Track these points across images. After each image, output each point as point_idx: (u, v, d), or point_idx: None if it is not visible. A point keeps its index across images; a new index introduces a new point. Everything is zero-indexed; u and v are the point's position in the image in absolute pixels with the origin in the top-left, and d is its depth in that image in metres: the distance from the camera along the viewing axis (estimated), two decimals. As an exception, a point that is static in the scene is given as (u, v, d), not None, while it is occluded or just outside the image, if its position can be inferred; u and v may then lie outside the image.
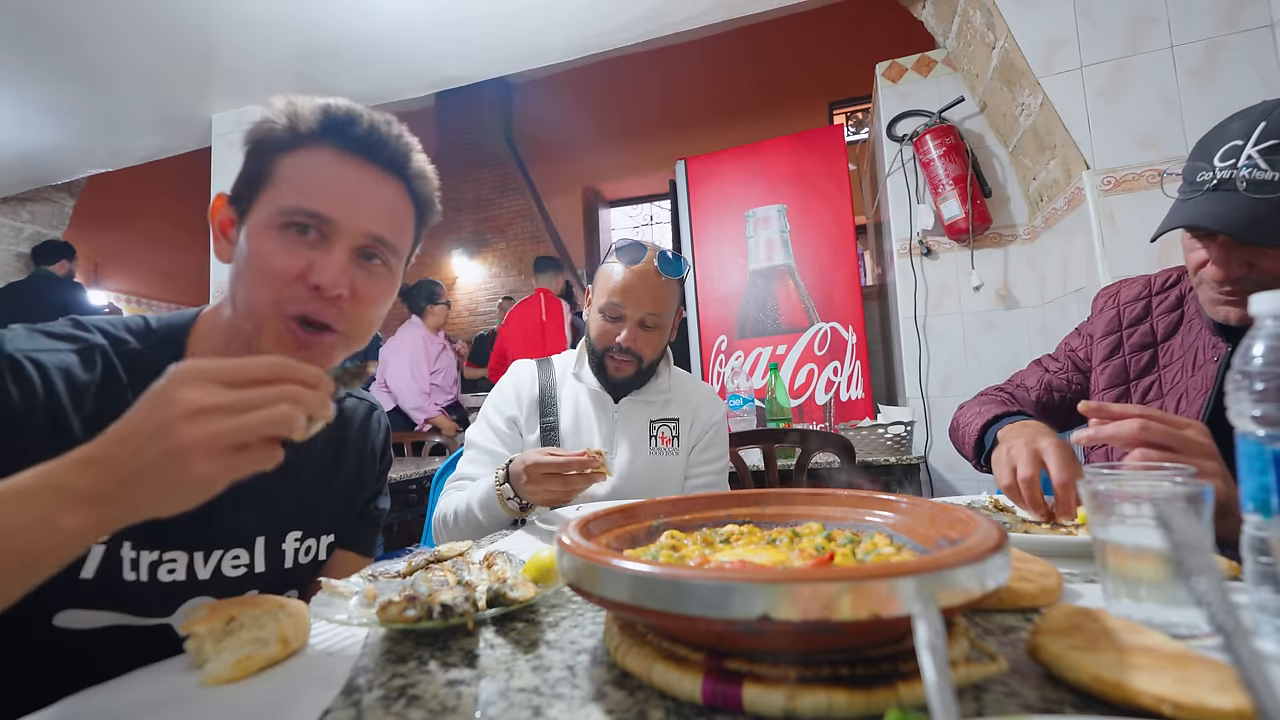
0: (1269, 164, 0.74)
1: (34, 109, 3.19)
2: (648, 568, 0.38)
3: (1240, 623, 0.30)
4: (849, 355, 2.78)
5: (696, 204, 3.13)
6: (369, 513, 0.88)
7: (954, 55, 2.46)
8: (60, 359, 0.60)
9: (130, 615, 0.63)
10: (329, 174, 0.64)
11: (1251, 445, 0.45)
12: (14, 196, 4.07)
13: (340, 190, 0.64)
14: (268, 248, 0.63)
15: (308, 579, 0.80)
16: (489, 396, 1.36)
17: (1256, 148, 0.75)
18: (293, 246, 0.63)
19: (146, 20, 2.60)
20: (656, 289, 1.23)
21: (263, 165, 0.65)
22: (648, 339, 1.25)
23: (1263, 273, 0.79)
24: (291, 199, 0.63)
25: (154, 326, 0.69)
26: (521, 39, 2.93)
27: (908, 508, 0.56)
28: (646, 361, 1.26)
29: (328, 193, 0.63)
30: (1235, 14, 1.71)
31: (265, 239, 0.63)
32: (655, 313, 1.23)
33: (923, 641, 0.31)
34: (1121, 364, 1.07)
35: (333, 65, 2.99)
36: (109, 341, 0.64)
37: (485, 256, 7.34)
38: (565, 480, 1.01)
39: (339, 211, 0.63)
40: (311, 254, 0.63)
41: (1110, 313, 1.12)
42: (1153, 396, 1.02)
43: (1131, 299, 1.10)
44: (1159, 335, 1.05)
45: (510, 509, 1.07)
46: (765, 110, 6.62)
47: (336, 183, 0.64)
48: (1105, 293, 1.15)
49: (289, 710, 0.42)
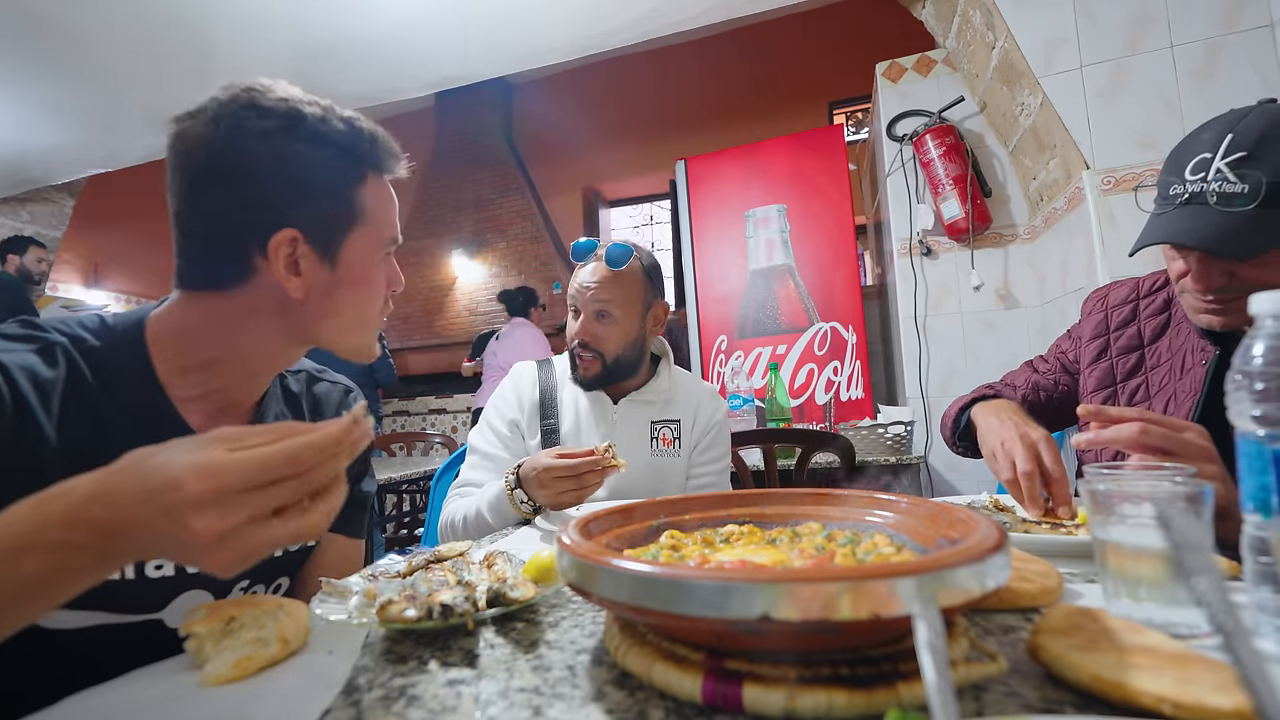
0: (1238, 177, 0.73)
1: (34, 109, 3.18)
2: (648, 568, 0.38)
3: (1240, 623, 0.30)
4: (849, 355, 2.78)
5: (696, 204, 3.13)
6: (355, 495, 0.88)
7: (954, 55, 2.46)
8: (21, 358, 0.59)
9: (118, 614, 0.63)
10: (389, 201, 0.74)
11: (1251, 445, 0.45)
12: (14, 196, 4.07)
13: (396, 212, 0.76)
14: (377, 274, 0.73)
15: (298, 566, 0.80)
16: (490, 400, 1.36)
17: (1225, 160, 0.74)
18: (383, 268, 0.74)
19: (146, 20, 2.60)
20: (604, 280, 1.25)
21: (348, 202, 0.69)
22: (603, 331, 1.25)
23: (1243, 281, 0.78)
24: (389, 232, 0.74)
25: (110, 324, 0.68)
26: (521, 39, 2.93)
27: (908, 508, 0.56)
28: (610, 357, 1.26)
29: (395, 218, 0.75)
30: (1235, 14, 1.71)
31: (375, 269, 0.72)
32: (605, 300, 1.24)
33: (923, 641, 0.31)
34: (1109, 366, 1.08)
35: (333, 65, 2.98)
36: (68, 339, 0.64)
37: (485, 256, 7.33)
38: (579, 480, 1.01)
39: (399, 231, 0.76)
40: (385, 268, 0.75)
41: (1098, 315, 1.12)
42: (1140, 398, 1.03)
43: (1119, 302, 1.10)
44: (1146, 338, 1.05)
45: (524, 512, 1.08)
46: (765, 110, 6.62)
47: (394, 207, 0.75)
48: (1094, 295, 1.16)
49: (289, 710, 0.42)
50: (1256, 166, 0.72)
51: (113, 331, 0.67)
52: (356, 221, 0.69)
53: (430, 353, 7.31)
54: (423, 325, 7.49)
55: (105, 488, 0.41)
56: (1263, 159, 0.72)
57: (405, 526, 3.66)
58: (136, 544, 0.42)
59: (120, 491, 0.41)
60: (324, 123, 0.66)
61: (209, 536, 0.40)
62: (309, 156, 0.65)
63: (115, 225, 6.83)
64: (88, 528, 0.40)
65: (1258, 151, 0.72)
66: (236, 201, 0.64)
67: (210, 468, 0.40)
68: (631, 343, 1.28)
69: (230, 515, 0.40)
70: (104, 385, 0.63)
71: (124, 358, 0.66)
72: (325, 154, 0.66)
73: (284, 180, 0.64)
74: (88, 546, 0.41)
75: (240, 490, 0.40)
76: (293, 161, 0.64)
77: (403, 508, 3.81)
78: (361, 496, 0.90)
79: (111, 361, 0.64)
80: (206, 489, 0.39)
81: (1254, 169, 0.72)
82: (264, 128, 0.63)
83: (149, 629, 0.65)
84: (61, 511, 0.41)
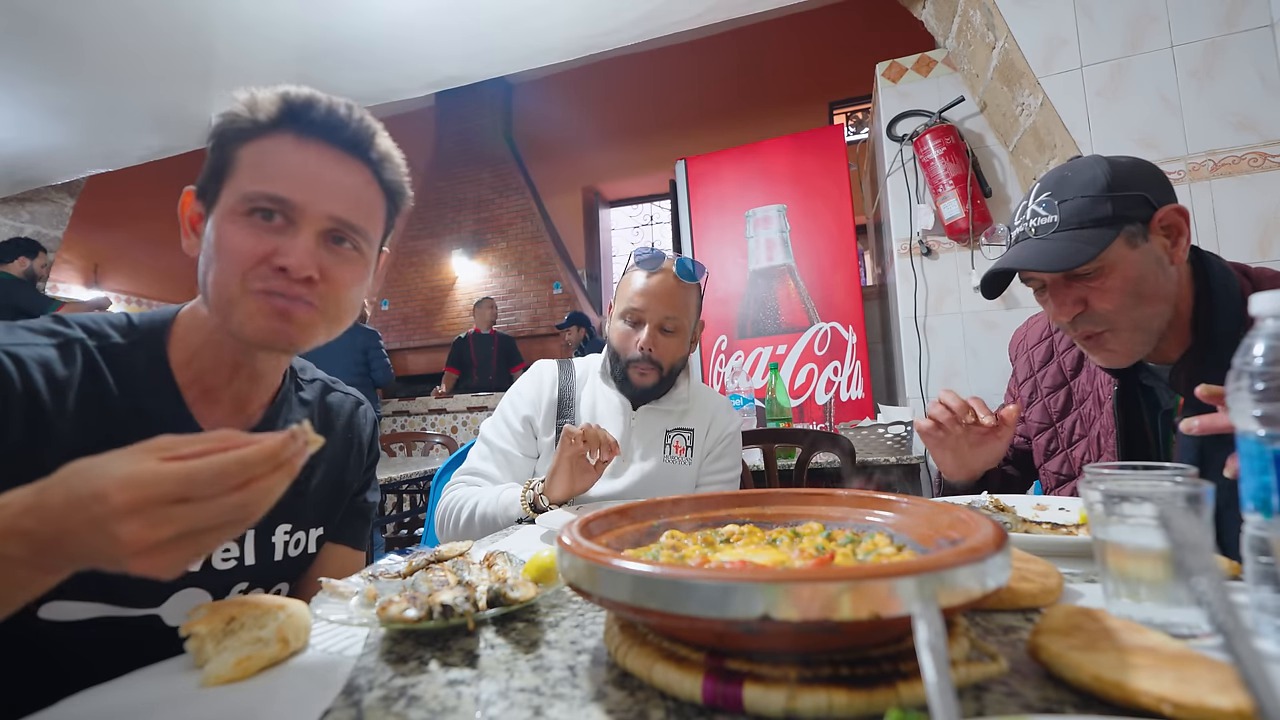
0: (1045, 208, 0.88)
1: (34, 109, 3.18)
2: (648, 568, 0.38)
3: (1240, 623, 0.30)
4: (849, 355, 2.78)
5: (696, 204, 3.13)
6: (358, 505, 0.88)
7: (954, 55, 2.46)
8: (39, 353, 0.60)
9: (118, 606, 0.63)
10: (291, 159, 0.64)
11: (1251, 445, 0.45)
12: (14, 196, 4.07)
13: (302, 174, 0.64)
14: (232, 232, 0.63)
15: (299, 572, 0.80)
16: (508, 393, 1.36)
17: (1036, 201, 0.90)
18: (257, 231, 0.63)
19: (146, 20, 2.60)
20: (674, 293, 1.24)
21: (225, 156, 0.65)
22: (667, 344, 1.26)
23: (1095, 310, 0.88)
24: (253, 185, 0.63)
25: (137, 323, 0.69)
26: (521, 39, 2.93)
27: (908, 508, 0.55)
28: (667, 368, 1.27)
29: (289, 177, 0.64)
30: (1235, 14, 1.71)
31: (230, 225, 0.63)
32: (673, 316, 1.24)
33: (923, 641, 0.31)
34: (1043, 407, 1.12)
35: (333, 65, 2.98)
36: (91, 337, 0.64)
37: (485, 256, 7.34)
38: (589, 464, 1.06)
39: (301, 195, 0.64)
40: (277, 239, 0.63)
41: (1022, 358, 1.18)
42: (1078, 434, 1.07)
43: (1035, 342, 1.16)
44: (1068, 372, 1.10)
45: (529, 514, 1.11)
46: (765, 110, 6.62)
47: (298, 167, 0.64)
48: (1014, 339, 1.22)
49: (289, 710, 0.42)
50: (1057, 199, 0.88)
51: (137, 330, 0.68)
52: (227, 175, 0.65)
53: (430, 353, 7.31)
54: (423, 325, 7.49)
55: (38, 500, 0.41)
56: (1059, 193, 0.88)
57: (405, 526, 3.66)
58: (71, 554, 0.41)
59: (50, 503, 0.40)
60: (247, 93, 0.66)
61: (138, 546, 0.39)
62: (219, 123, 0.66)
63: (115, 225, 6.84)
64: (20, 540, 0.41)
65: (1056, 189, 0.88)
66: None
67: (135, 479, 0.39)
68: (684, 357, 1.31)
69: (159, 527, 0.39)
70: (122, 384, 0.63)
71: (144, 357, 0.66)
72: (226, 117, 0.66)
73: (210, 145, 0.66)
74: (22, 559, 0.41)
75: (167, 502, 0.39)
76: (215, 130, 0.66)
77: (403, 508, 3.81)
78: (364, 507, 0.89)
79: (132, 360, 0.65)
80: (130, 499, 0.38)
81: (1056, 200, 0.88)
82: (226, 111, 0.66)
83: (147, 624, 0.65)
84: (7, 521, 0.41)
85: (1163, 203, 0.86)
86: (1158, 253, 0.86)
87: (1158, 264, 0.86)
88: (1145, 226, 0.86)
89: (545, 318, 6.82)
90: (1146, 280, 0.85)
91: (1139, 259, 0.85)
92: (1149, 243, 0.86)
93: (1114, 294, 0.86)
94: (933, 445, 1.01)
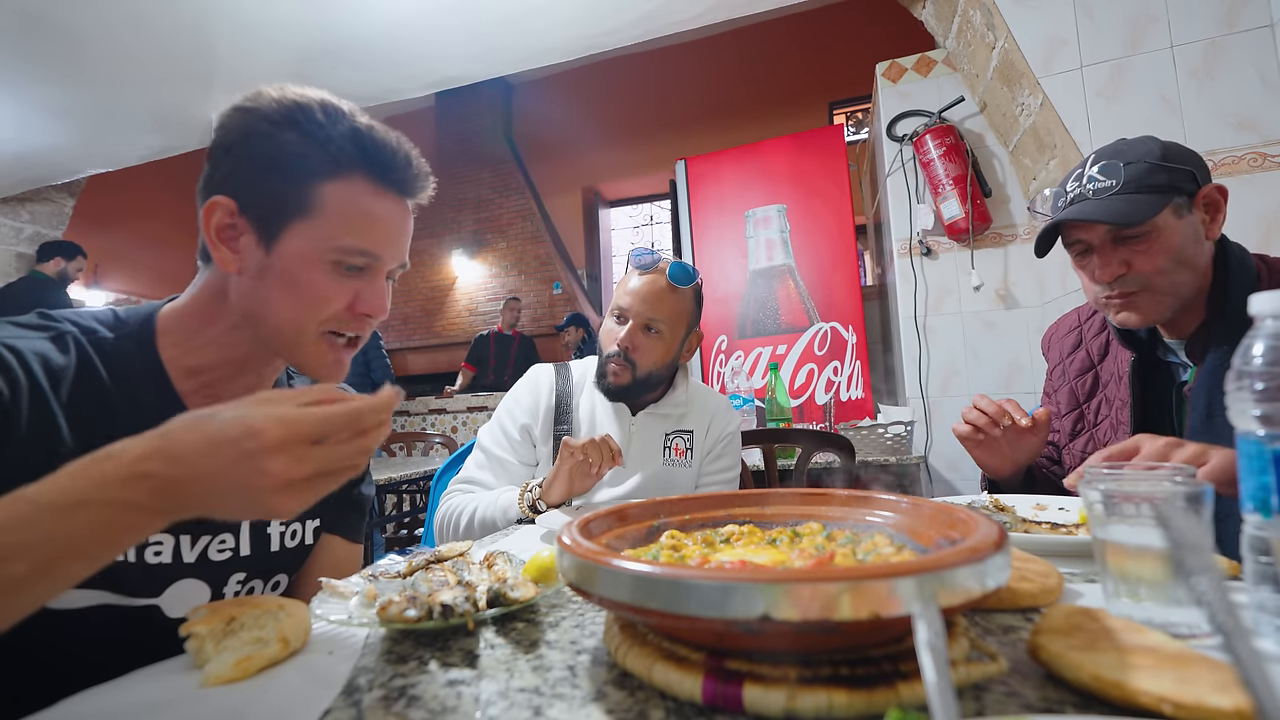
0: (1104, 173, 0.94)
1: (34, 109, 3.18)
2: (648, 568, 0.38)
3: (1240, 623, 0.30)
4: (849, 355, 2.78)
5: (696, 204, 3.13)
6: (353, 497, 0.88)
7: (954, 55, 2.46)
8: (35, 345, 0.60)
9: (119, 595, 0.63)
10: (375, 212, 0.68)
11: (1251, 445, 0.45)
12: (14, 196, 4.07)
13: (385, 230, 0.69)
14: (321, 281, 0.66)
15: (297, 564, 0.81)
16: (504, 400, 1.35)
17: (1093, 168, 0.96)
18: (343, 279, 0.67)
19: (146, 20, 2.60)
20: (663, 295, 1.23)
21: (301, 192, 0.64)
22: (647, 345, 1.24)
23: (1137, 271, 0.93)
24: (349, 238, 0.66)
25: (123, 317, 0.69)
26: (521, 39, 2.93)
27: (908, 508, 0.55)
28: (643, 370, 1.24)
29: (377, 233, 0.68)
30: (1235, 14, 1.71)
31: (318, 272, 0.66)
32: (658, 318, 1.23)
33: (923, 641, 0.31)
34: (1070, 390, 1.16)
35: (332, 65, 2.99)
36: (79, 330, 0.65)
37: (485, 256, 7.34)
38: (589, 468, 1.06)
39: (385, 250, 0.69)
40: (357, 284, 0.68)
41: (1055, 350, 1.22)
42: (1103, 414, 1.10)
43: (1065, 331, 1.21)
44: (1095, 357, 1.13)
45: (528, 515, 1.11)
46: (765, 110, 6.63)
47: (383, 223, 0.69)
48: (1045, 336, 1.28)
49: (289, 710, 0.42)
50: (1122, 161, 0.93)
51: (124, 324, 0.68)
52: (303, 214, 0.65)
53: (430, 353, 7.32)
54: (423, 325, 7.49)
55: (164, 445, 0.43)
56: (1124, 156, 0.94)
57: (405, 526, 3.66)
58: (198, 495, 0.44)
59: (181, 447, 0.43)
60: (303, 111, 0.65)
61: (280, 481, 0.42)
62: (269, 135, 0.65)
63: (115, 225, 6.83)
64: (144, 485, 0.42)
65: (1115, 157, 0.95)
66: (206, 174, 0.67)
67: (285, 418, 0.43)
68: (667, 362, 1.28)
69: (301, 464, 0.43)
70: (114, 377, 0.64)
71: (133, 350, 0.67)
72: (289, 137, 0.64)
73: (237, 153, 0.66)
74: (142, 503, 0.43)
75: (309, 442, 0.44)
76: (254, 139, 0.65)
77: (402, 508, 3.81)
78: (359, 500, 0.90)
79: (122, 354, 0.65)
80: (282, 436, 0.42)
81: (1121, 163, 0.93)
82: (244, 108, 0.66)
83: (148, 613, 0.65)
84: (116, 469, 0.42)
85: (1206, 181, 0.94)
86: (1197, 225, 0.93)
87: (1196, 236, 0.93)
88: (1190, 200, 0.93)
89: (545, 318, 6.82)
90: (1186, 249, 0.92)
91: (1182, 228, 0.92)
92: (1192, 215, 0.93)
93: (1157, 257, 0.92)
94: (971, 448, 1.04)
